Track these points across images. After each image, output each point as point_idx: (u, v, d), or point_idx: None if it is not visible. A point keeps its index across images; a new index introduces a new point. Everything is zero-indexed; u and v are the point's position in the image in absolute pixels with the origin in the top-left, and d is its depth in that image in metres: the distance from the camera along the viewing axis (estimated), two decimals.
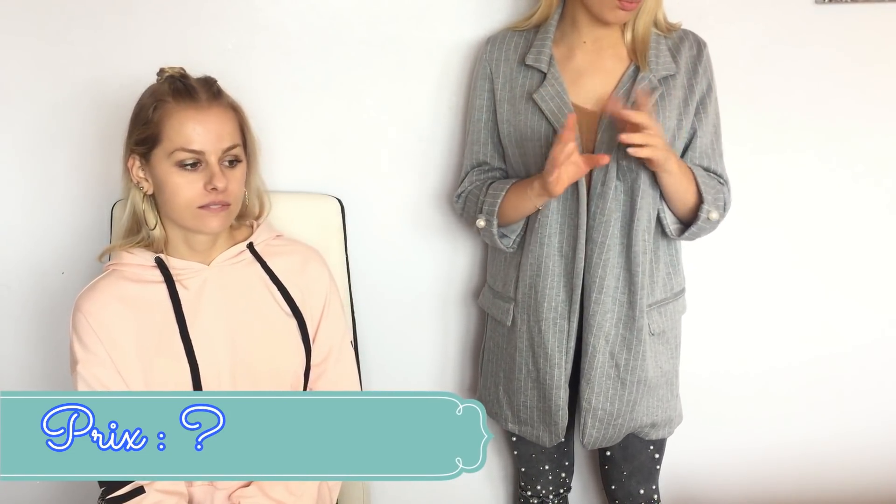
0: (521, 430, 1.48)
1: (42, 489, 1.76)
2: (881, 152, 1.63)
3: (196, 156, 1.14)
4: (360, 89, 1.56)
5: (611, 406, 1.38)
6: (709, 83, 1.36)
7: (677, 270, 1.43)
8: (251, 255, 1.27)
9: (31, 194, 1.58)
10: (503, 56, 1.40)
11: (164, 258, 1.21)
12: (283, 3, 1.51)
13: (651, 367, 1.38)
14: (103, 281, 1.22)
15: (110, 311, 1.19)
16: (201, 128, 1.14)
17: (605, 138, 1.29)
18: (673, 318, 1.42)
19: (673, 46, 1.34)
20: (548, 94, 1.32)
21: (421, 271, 1.68)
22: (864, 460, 1.83)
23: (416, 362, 1.75)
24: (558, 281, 1.35)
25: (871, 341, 1.75)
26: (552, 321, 1.36)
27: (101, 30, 1.49)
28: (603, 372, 1.36)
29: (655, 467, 1.52)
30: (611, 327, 1.34)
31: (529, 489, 1.60)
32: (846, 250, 1.69)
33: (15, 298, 1.63)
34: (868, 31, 1.55)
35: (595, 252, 1.32)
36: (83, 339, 1.19)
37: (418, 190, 1.63)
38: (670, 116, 1.31)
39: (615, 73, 1.33)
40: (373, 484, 1.72)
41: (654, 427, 1.44)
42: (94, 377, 1.18)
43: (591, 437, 1.40)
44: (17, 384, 1.68)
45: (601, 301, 1.33)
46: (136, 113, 1.19)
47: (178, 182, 1.15)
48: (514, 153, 1.39)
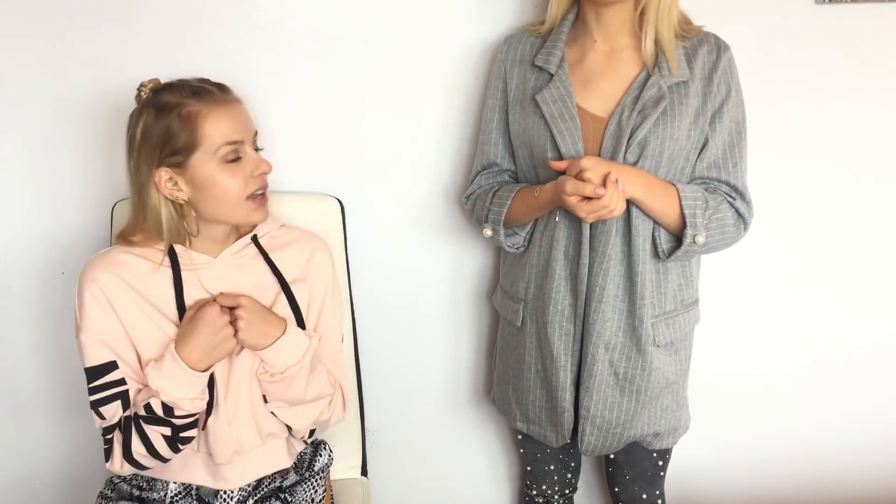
0: (530, 429, 1.48)
1: (42, 489, 1.76)
2: (882, 153, 1.63)
3: (238, 146, 1.18)
4: (360, 89, 1.56)
5: (609, 414, 1.37)
6: (728, 90, 1.31)
7: (689, 282, 1.39)
8: (255, 248, 1.28)
9: (31, 195, 1.58)
10: (517, 56, 1.39)
11: (175, 247, 1.23)
12: (283, 3, 1.51)
13: (655, 378, 1.36)
14: (111, 252, 1.24)
15: (112, 280, 1.20)
16: (233, 119, 1.18)
17: (609, 146, 1.27)
18: (683, 329, 1.39)
19: (689, 51, 1.30)
20: (550, 97, 1.30)
21: (421, 271, 1.69)
22: (866, 461, 1.84)
23: (416, 362, 1.75)
24: (564, 285, 1.34)
25: (873, 342, 1.75)
26: (558, 324, 1.35)
27: (101, 30, 1.48)
28: (602, 380, 1.35)
29: (659, 474, 1.51)
30: (611, 335, 1.33)
31: (535, 489, 1.60)
32: (847, 251, 1.69)
33: (15, 299, 1.63)
34: (868, 31, 1.55)
35: (597, 261, 1.31)
36: (85, 303, 1.19)
37: (418, 190, 1.63)
38: (680, 126, 1.27)
39: (627, 77, 1.29)
40: (373, 484, 1.72)
41: (656, 437, 1.43)
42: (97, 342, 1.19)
43: (589, 444, 1.39)
44: (18, 384, 1.68)
45: (600, 310, 1.32)
46: (154, 131, 1.15)
47: (224, 178, 1.17)
48: (523, 155, 1.39)
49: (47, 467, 1.74)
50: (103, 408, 1.19)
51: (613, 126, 1.27)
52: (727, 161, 1.32)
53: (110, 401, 1.19)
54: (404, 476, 1.83)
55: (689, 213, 1.26)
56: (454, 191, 1.63)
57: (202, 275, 1.24)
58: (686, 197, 1.26)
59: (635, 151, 1.26)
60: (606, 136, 1.27)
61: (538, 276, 1.37)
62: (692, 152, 1.31)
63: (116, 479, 1.33)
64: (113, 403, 1.19)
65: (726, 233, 1.31)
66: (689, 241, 1.27)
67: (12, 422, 1.71)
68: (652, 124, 1.25)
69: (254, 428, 1.27)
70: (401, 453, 1.80)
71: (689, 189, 1.28)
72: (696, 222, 1.26)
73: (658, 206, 1.26)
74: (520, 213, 1.35)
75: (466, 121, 1.59)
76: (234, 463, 1.26)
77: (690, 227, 1.26)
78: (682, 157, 1.30)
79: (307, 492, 1.32)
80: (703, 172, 1.33)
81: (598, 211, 1.20)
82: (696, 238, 1.27)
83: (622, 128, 1.26)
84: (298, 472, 1.35)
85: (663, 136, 1.26)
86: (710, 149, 1.31)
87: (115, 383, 1.19)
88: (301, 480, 1.33)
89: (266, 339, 1.19)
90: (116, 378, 1.19)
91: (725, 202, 1.31)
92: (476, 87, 1.57)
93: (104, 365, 1.19)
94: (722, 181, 1.32)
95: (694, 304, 1.42)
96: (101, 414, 1.20)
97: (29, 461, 1.73)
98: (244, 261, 1.27)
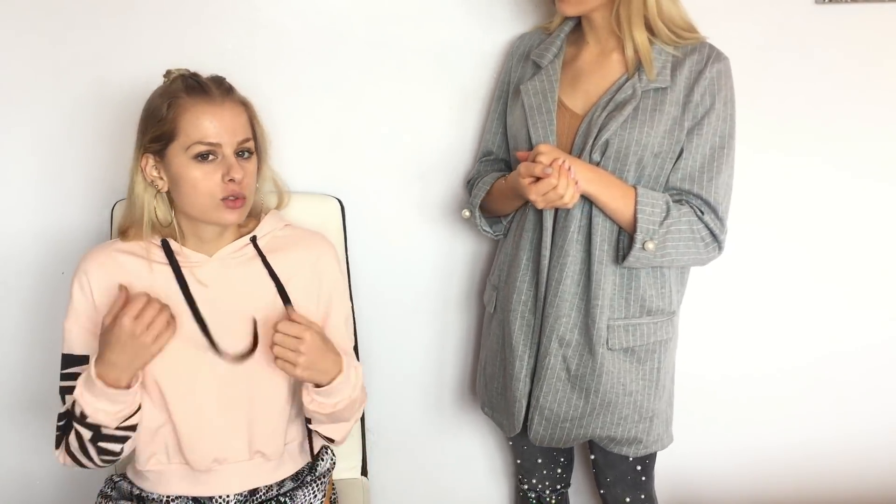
0: (493, 416, 1.51)
1: (42, 489, 1.76)
2: (882, 152, 1.63)
3: (212, 148, 1.17)
4: (361, 89, 1.56)
5: (559, 408, 1.38)
6: (712, 103, 1.27)
7: (663, 294, 1.34)
8: (254, 249, 1.27)
9: (32, 194, 1.58)
10: (523, 51, 1.44)
11: (169, 241, 1.23)
12: (283, 3, 1.51)
13: (609, 382, 1.34)
14: (107, 246, 1.25)
15: (105, 275, 1.21)
16: (217, 121, 1.17)
17: (580, 143, 1.30)
18: (647, 338, 1.34)
19: (678, 59, 1.28)
20: (533, 89, 1.34)
21: (421, 271, 1.69)
22: (867, 462, 1.84)
23: (416, 361, 1.75)
24: (529, 276, 1.36)
25: (872, 343, 1.75)
26: (520, 313, 1.37)
27: (101, 30, 1.49)
28: (553, 373, 1.36)
29: (641, 478, 1.48)
30: (566, 331, 1.34)
31: (526, 482, 1.62)
32: (847, 250, 1.69)
33: (14, 298, 1.63)
34: (868, 31, 1.55)
35: (555, 255, 1.32)
36: (74, 294, 1.22)
37: (418, 190, 1.64)
38: (651, 133, 1.25)
39: (610, 78, 1.32)
40: (373, 483, 1.72)
41: (613, 441, 1.39)
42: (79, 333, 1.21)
43: (537, 433, 1.40)
44: (16, 384, 1.68)
45: (555, 304, 1.33)
46: (149, 113, 1.20)
47: (195, 175, 1.17)
48: (511, 145, 1.42)
49: (47, 467, 1.74)
50: (68, 396, 1.19)
51: (585, 124, 1.29)
52: (703, 175, 1.28)
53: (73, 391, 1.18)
54: (404, 476, 1.83)
55: (642, 218, 1.23)
56: (455, 191, 1.63)
57: (197, 272, 1.23)
58: (643, 201, 1.24)
59: (599, 151, 1.27)
60: (578, 134, 1.30)
61: (508, 264, 1.41)
62: (667, 161, 1.29)
63: (116, 477, 1.33)
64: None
65: (690, 246, 1.27)
66: (637, 246, 1.24)
67: (12, 421, 1.71)
68: (619, 126, 1.26)
69: (244, 440, 1.25)
70: (401, 453, 1.81)
71: (650, 195, 1.25)
72: (649, 228, 1.23)
73: (614, 206, 1.25)
74: (498, 202, 1.40)
75: (467, 121, 1.59)
76: (215, 471, 1.25)
77: (641, 231, 1.23)
78: (656, 165, 1.28)
79: (307, 496, 1.31)
80: (675, 184, 1.29)
81: (546, 193, 1.20)
82: (645, 244, 1.23)
83: (591, 127, 1.28)
84: (299, 477, 1.34)
85: (629, 140, 1.26)
86: (685, 160, 1.28)
87: None
88: (301, 485, 1.32)
89: (324, 377, 1.18)
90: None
91: (694, 215, 1.27)
92: (476, 87, 1.57)
93: (79, 356, 1.21)
94: (693, 194, 1.28)
95: (665, 315, 1.36)
96: (65, 400, 1.21)
97: (29, 461, 1.73)
98: (241, 261, 1.26)
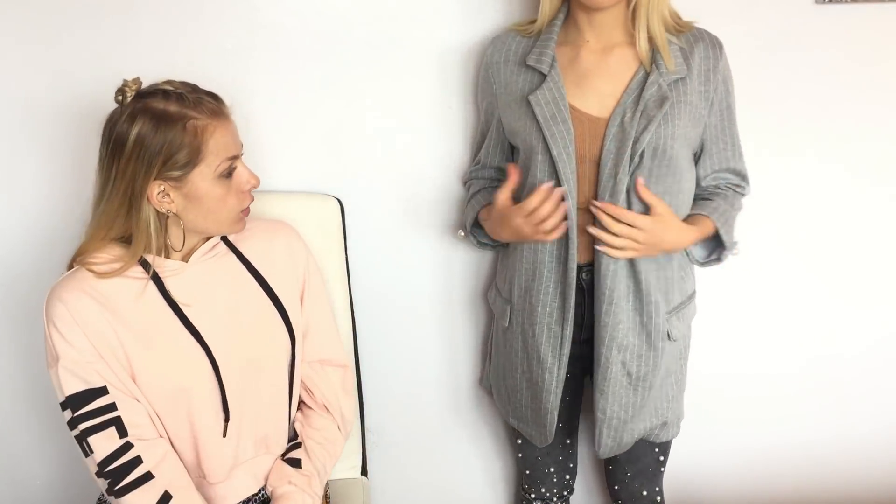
0: (520, 427, 1.50)
1: (42, 488, 1.76)
2: (882, 153, 1.63)
3: (234, 161, 1.18)
4: (360, 89, 1.56)
5: (624, 413, 1.37)
6: (726, 86, 1.33)
7: (688, 273, 1.42)
8: (225, 246, 1.27)
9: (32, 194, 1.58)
10: (502, 57, 1.37)
11: (149, 259, 1.18)
12: (283, 3, 1.51)
13: (662, 371, 1.38)
14: (76, 275, 1.18)
15: (86, 303, 1.15)
16: (232, 133, 1.18)
17: (612, 148, 1.25)
18: (687, 321, 1.42)
19: (686, 48, 1.29)
20: (543, 98, 1.27)
21: (421, 271, 1.69)
22: (867, 462, 1.84)
23: (416, 363, 1.75)
24: (554, 287, 1.33)
25: (873, 343, 1.75)
26: (546, 326, 1.35)
27: (101, 30, 1.48)
28: (616, 381, 1.34)
29: (659, 469, 1.51)
30: (624, 337, 1.32)
31: (533, 492, 1.61)
32: (847, 250, 1.69)
33: (15, 299, 1.63)
34: (868, 31, 1.55)
35: (603, 262, 1.28)
36: (63, 331, 1.14)
37: (418, 190, 1.63)
38: (680, 124, 1.26)
39: (622, 76, 1.27)
40: (373, 483, 1.72)
41: (664, 426, 1.44)
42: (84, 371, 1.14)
43: (606, 446, 1.40)
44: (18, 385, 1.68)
45: (611, 312, 1.30)
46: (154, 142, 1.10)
47: (220, 192, 1.16)
48: (523, 157, 1.36)
49: (47, 467, 1.74)
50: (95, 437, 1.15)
51: (615, 128, 1.25)
52: (734, 152, 1.37)
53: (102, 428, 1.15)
54: (404, 476, 1.83)
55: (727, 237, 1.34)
56: (454, 191, 1.63)
57: (175, 280, 1.20)
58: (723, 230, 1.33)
59: (643, 155, 1.25)
60: (608, 138, 1.25)
61: (526, 279, 1.37)
62: (689, 150, 1.32)
63: None
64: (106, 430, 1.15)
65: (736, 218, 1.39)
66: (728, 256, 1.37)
67: (12, 422, 1.71)
68: (656, 126, 1.24)
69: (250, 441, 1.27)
70: (400, 453, 1.81)
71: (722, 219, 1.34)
72: (731, 241, 1.36)
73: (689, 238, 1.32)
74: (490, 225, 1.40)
75: (466, 120, 1.59)
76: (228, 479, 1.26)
77: (728, 248, 1.35)
78: (686, 158, 1.31)
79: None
80: (714, 168, 1.37)
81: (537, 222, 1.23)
82: (733, 251, 1.36)
83: (626, 130, 1.24)
84: None
85: (665, 136, 1.25)
86: (716, 143, 1.35)
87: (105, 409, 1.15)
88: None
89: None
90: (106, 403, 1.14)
91: (738, 198, 1.40)
92: (476, 87, 1.57)
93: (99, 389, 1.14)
94: (732, 170, 1.38)
95: (693, 295, 1.44)
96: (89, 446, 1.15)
97: (29, 461, 1.73)
98: (215, 260, 1.25)
